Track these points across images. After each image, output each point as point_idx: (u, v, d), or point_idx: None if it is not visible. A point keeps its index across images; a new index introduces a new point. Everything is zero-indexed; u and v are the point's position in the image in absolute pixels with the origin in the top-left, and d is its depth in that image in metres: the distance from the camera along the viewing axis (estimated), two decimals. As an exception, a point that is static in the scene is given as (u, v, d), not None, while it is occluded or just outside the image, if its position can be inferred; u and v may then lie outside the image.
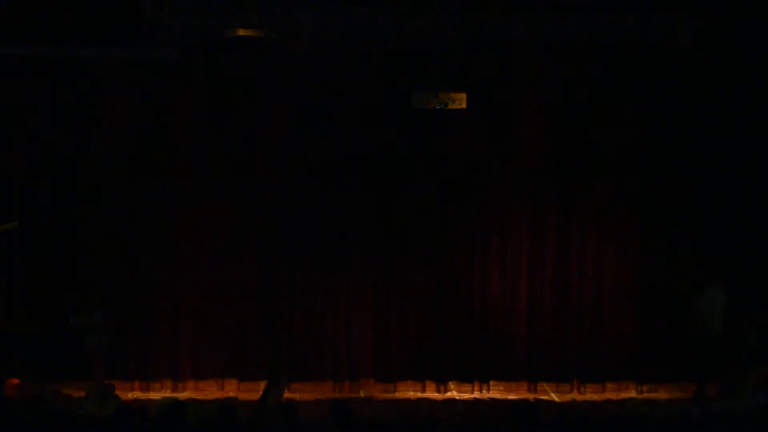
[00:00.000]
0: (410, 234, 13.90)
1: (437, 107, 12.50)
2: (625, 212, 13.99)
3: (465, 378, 13.94)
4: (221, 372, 13.79)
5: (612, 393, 13.81)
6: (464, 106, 12.58)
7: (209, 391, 13.61)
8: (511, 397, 13.66)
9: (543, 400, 13.51)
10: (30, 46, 12.86)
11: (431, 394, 13.74)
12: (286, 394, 13.25)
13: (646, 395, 13.71)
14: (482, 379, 13.94)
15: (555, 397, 13.73)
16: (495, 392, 13.84)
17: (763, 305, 13.53)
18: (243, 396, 13.42)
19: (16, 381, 12.32)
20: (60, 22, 12.86)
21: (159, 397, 13.24)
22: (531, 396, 13.66)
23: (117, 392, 12.55)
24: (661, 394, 13.70)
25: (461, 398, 13.67)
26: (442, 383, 13.92)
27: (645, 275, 14.00)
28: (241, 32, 11.93)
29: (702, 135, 13.75)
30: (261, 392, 12.86)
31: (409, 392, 13.80)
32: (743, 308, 13.66)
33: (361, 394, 13.69)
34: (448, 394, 13.78)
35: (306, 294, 13.85)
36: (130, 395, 13.32)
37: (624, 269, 14.04)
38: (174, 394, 13.38)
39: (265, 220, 13.76)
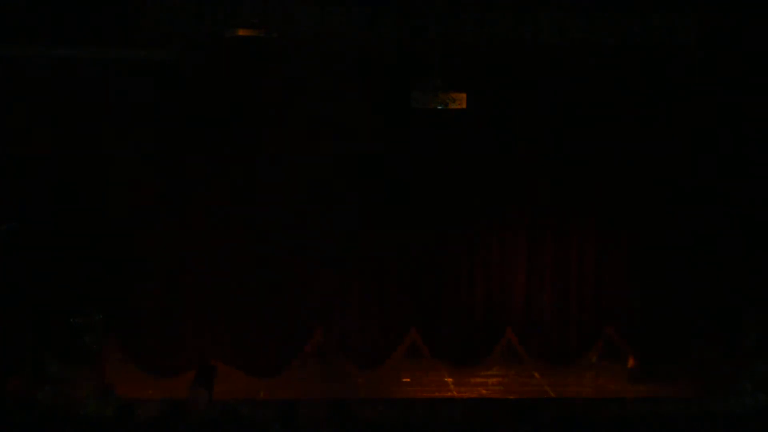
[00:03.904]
0: (409, 233, 13.93)
1: (437, 107, 12.49)
2: (626, 211, 14.01)
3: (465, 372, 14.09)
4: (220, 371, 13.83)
5: (611, 393, 13.85)
6: (464, 106, 12.58)
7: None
8: (511, 396, 13.66)
9: (543, 399, 13.52)
10: (30, 46, 12.86)
11: (431, 391, 13.78)
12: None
13: (645, 395, 13.71)
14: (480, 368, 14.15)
15: (551, 393, 13.75)
16: (495, 391, 13.85)
17: (762, 305, 13.55)
18: (244, 395, 13.44)
19: (16, 381, 12.32)
20: (60, 22, 12.85)
21: (159, 397, 13.23)
22: (529, 391, 13.69)
23: (117, 392, 12.56)
24: (662, 394, 13.70)
25: (461, 398, 13.68)
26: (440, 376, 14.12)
27: (646, 274, 14.03)
28: (241, 32, 11.94)
29: (705, 139, 13.78)
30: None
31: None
32: (743, 308, 13.69)
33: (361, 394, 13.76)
34: (448, 394, 13.80)
35: (305, 291, 13.88)
36: (130, 394, 13.33)
37: (625, 267, 14.09)
38: (174, 394, 13.38)
39: (264, 218, 13.78)
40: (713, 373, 13.67)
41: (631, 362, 14.31)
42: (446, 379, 14.27)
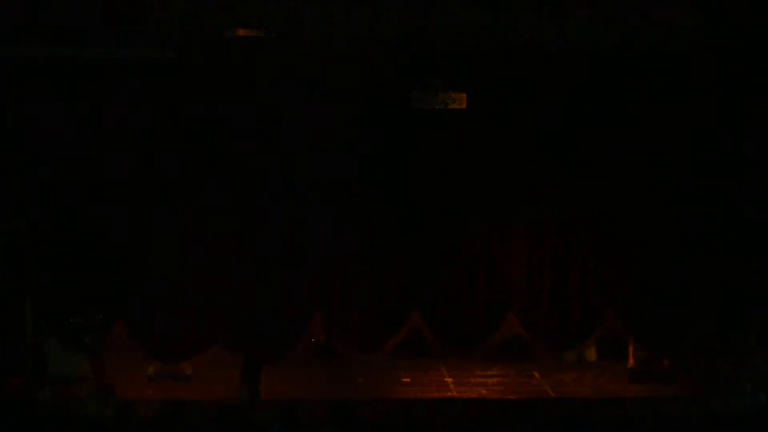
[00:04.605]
0: (408, 232, 13.95)
1: (437, 107, 12.50)
2: (626, 210, 14.02)
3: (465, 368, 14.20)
4: (221, 371, 13.85)
5: (610, 393, 13.86)
6: (464, 106, 12.59)
7: (209, 391, 13.63)
8: (511, 396, 13.66)
9: (543, 399, 13.52)
10: (31, 47, 12.87)
11: (431, 391, 13.79)
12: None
13: (645, 395, 13.73)
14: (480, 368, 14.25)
15: (551, 393, 13.75)
16: (495, 391, 13.86)
17: (762, 305, 13.56)
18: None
19: (16, 381, 12.32)
20: (60, 23, 12.86)
21: (159, 397, 13.24)
22: (529, 391, 13.70)
23: (117, 392, 12.56)
24: (661, 394, 13.70)
25: (461, 398, 13.68)
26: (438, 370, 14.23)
27: (645, 271, 14.04)
28: (241, 32, 11.95)
29: (706, 139, 13.79)
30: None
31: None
32: (743, 308, 13.69)
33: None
34: (448, 394, 13.80)
35: (305, 275, 13.88)
36: (130, 395, 13.35)
37: (623, 265, 14.07)
38: (174, 394, 13.39)
39: (264, 219, 13.79)
40: (713, 373, 13.68)
41: (631, 362, 14.32)
42: (446, 379, 14.29)
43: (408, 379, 14.25)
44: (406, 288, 14.04)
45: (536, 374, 14.48)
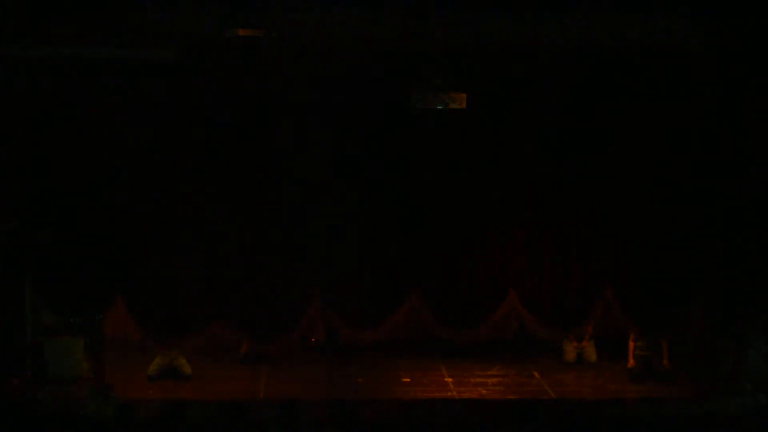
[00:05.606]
0: (407, 233, 13.96)
1: (437, 107, 12.51)
2: (625, 210, 14.03)
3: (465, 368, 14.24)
4: (221, 371, 13.83)
5: (610, 393, 13.86)
6: (464, 106, 12.60)
7: (209, 391, 13.64)
8: (511, 396, 13.67)
9: (543, 399, 13.53)
10: (30, 47, 12.87)
11: (431, 391, 13.79)
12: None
13: (645, 395, 13.73)
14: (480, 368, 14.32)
15: (551, 393, 13.76)
16: (495, 391, 13.86)
17: (762, 305, 13.57)
18: (244, 395, 13.46)
19: (16, 381, 12.32)
20: (60, 22, 12.86)
21: (159, 397, 13.25)
22: (529, 391, 13.70)
23: (117, 392, 12.57)
24: (662, 394, 13.71)
25: (461, 398, 13.69)
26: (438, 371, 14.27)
27: (643, 268, 14.06)
28: (241, 32, 11.95)
29: (705, 139, 13.79)
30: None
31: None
32: (743, 308, 13.70)
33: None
34: (448, 394, 13.81)
35: (301, 269, 13.90)
36: (130, 395, 13.36)
37: (623, 263, 14.08)
38: (174, 394, 13.40)
39: (263, 219, 13.80)
40: (713, 373, 13.69)
41: (631, 362, 14.33)
42: (446, 379, 14.29)
43: (408, 379, 14.25)
44: (404, 267, 14.02)
45: (536, 374, 14.49)
